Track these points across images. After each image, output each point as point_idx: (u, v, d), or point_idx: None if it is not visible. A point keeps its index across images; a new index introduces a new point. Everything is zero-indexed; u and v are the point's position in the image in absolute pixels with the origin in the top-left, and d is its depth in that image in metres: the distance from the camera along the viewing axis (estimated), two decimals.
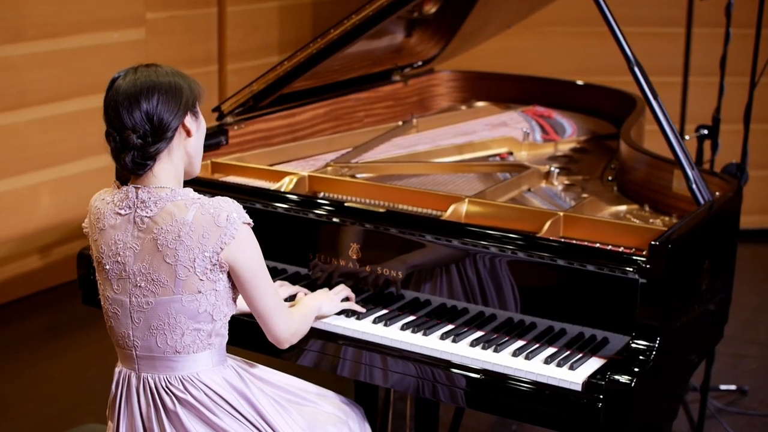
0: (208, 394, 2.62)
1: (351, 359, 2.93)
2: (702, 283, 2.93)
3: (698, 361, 3.10)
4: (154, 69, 2.60)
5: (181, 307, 2.57)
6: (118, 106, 2.53)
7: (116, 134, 2.55)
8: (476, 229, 2.98)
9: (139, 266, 2.57)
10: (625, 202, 3.47)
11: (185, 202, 2.57)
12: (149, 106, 2.52)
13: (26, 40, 5.32)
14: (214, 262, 2.55)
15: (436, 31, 4.75)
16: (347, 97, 4.40)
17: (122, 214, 2.59)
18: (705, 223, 2.98)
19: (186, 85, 2.61)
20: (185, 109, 2.59)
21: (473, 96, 4.95)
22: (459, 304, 2.99)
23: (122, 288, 2.61)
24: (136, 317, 2.60)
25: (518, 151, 4.10)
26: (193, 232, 2.53)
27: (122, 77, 2.58)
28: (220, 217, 2.54)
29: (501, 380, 2.72)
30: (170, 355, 2.61)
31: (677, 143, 3.11)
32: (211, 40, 6.41)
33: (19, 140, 5.35)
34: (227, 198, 2.60)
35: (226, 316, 2.65)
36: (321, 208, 3.16)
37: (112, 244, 2.60)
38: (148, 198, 2.57)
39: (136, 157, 2.54)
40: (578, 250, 2.81)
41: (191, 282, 2.56)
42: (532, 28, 6.35)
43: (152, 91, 2.53)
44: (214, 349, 2.65)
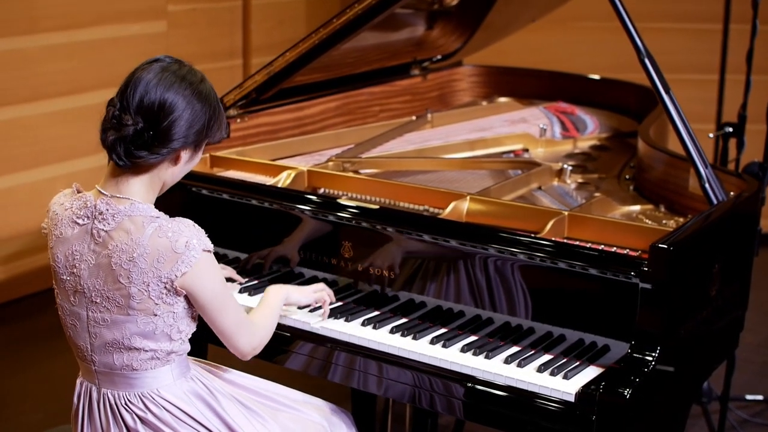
0: (170, 409, 2.49)
1: (342, 364, 2.79)
2: (711, 289, 2.75)
3: (708, 372, 2.92)
4: (199, 80, 2.45)
5: (136, 328, 2.42)
6: (140, 84, 2.38)
7: (117, 109, 2.39)
8: (471, 228, 2.83)
9: (93, 282, 2.42)
10: (640, 202, 3.30)
11: (143, 220, 2.39)
12: (167, 110, 2.37)
13: (42, 32, 5.23)
14: (169, 288, 2.38)
15: (458, 24, 4.59)
16: (361, 91, 4.25)
17: (80, 224, 2.44)
18: (715, 225, 2.80)
19: (208, 119, 2.45)
20: (192, 141, 2.44)
21: (496, 92, 4.78)
22: (455, 306, 2.84)
23: (79, 301, 2.47)
24: (93, 332, 2.46)
25: (534, 147, 3.94)
26: (148, 255, 2.36)
27: (168, 61, 2.45)
28: (178, 242, 2.36)
29: (492, 389, 2.57)
30: (128, 372, 2.47)
31: (690, 140, 2.94)
32: (236, 34, 6.29)
33: (35, 133, 5.26)
34: (188, 221, 2.42)
35: (186, 334, 2.50)
36: (312, 204, 3.02)
37: (69, 255, 2.45)
38: (107, 210, 2.40)
39: (119, 146, 2.37)
40: (575, 252, 2.64)
41: (146, 305, 2.40)
42: (562, 24, 6.19)
43: (178, 106, 2.38)
44: (174, 363, 2.51)
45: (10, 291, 5.28)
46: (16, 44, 5.14)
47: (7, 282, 5.25)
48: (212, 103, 2.47)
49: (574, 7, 4.90)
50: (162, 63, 2.45)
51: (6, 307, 5.26)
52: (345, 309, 2.91)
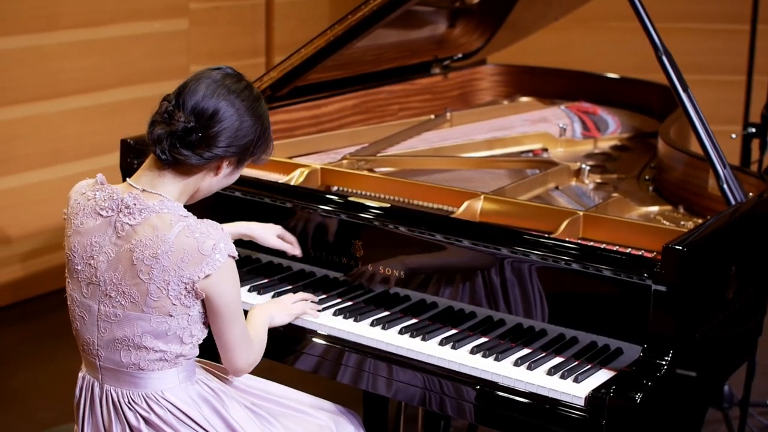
0: (173, 412, 2.44)
1: (351, 365, 2.74)
2: (727, 292, 2.68)
3: (725, 377, 2.85)
4: (255, 98, 2.46)
5: (149, 327, 2.38)
6: (199, 87, 2.40)
7: (172, 105, 2.39)
8: (483, 228, 2.78)
9: (110, 275, 2.38)
10: (659, 203, 3.24)
11: (171, 218, 2.35)
12: (218, 117, 2.38)
13: (61, 29, 5.21)
14: (189, 290, 2.34)
15: (480, 22, 4.53)
16: (380, 89, 4.20)
17: (103, 216, 2.40)
18: (731, 226, 2.73)
19: (256, 137, 2.46)
20: (236, 153, 2.43)
21: (518, 91, 4.72)
22: (467, 307, 2.79)
23: (91, 293, 2.42)
24: (103, 326, 2.42)
25: (554, 147, 3.87)
26: (173, 253, 2.32)
27: (230, 72, 2.48)
28: (205, 244, 2.32)
29: (502, 392, 2.51)
30: (134, 371, 2.43)
31: (708, 139, 2.87)
32: (258, 32, 6.26)
33: (54, 130, 5.25)
34: (217, 225, 2.39)
35: (197, 339, 2.46)
36: (322, 202, 2.97)
37: (87, 245, 2.41)
38: (134, 204, 2.37)
39: (165, 140, 2.37)
40: (587, 253, 2.58)
41: (163, 303, 2.36)
42: (586, 23, 6.13)
43: (233, 116, 2.40)
44: (181, 367, 2.47)
45: (28, 289, 5.26)
46: (36, 41, 5.12)
47: (25, 280, 5.24)
48: (264, 123, 2.48)
49: (598, 6, 4.83)
50: (223, 72, 2.46)
51: (24, 304, 5.25)
52: (355, 309, 2.86)
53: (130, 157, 3.26)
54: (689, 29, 6.17)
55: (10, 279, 5.18)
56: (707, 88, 5.94)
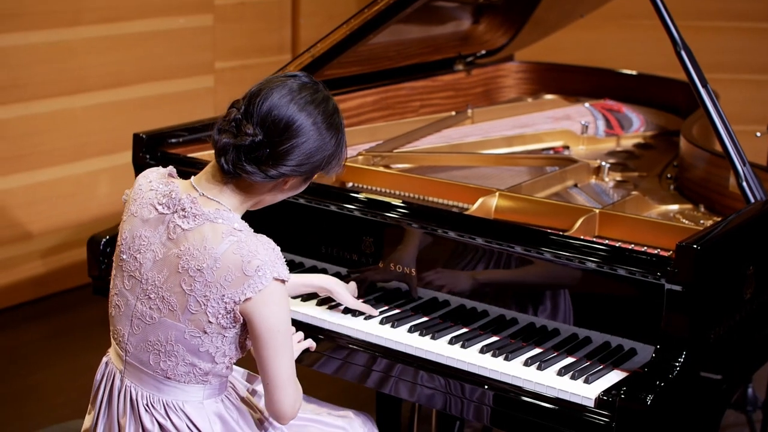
0: (190, 426, 2.36)
1: (360, 364, 2.69)
2: (745, 292, 2.61)
3: (743, 379, 2.78)
4: (333, 110, 2.33)
5: (183, 338, 2.29)
6: (272, 96, 2.25)
7: (240, 113, 2.27)
8: (494, 225, 2.72)
9: (154, 275, 2.30)
10: (680, 201, 3.17)
11: (223, 231, 2.24)
12: (292, 132, 2.24)
13: (86, 24, 5.19)
14: (228, 310, 2.24)
15: (505, 18, 4.48)
16: (401, 86, 4.14)
17: (158, 211, 2.31)
18: (749, 224, 2.66)
19: (330, 154, 2.31)
20: (306, 171, 2.31)
21: (543, 88, 4.66)
22: (479, 306, 2.73)
23: (132, 287, 2.34)
24: (137, 324, 2.34)
25: (576, 145, 3.81)
26: (218, 269, 2.21)
27: (306, 81, 2.32)
28: (250, 264, 2.20)
29: (512, 393, 2.46)
30: (160, 377, 2.34)
31: (727, 136, 2.81)
32: (284, 29, 6.22)
33: (77, 126, 5.23)
34: (269, 243, 2.26)
35: (231, 359, 2.36)
36: (334, 197, 2.92)
37: (137, 237, 2.33)
38: (190, 208, 2.27)
39: (229, 152, 2.25)
40: (598, 251, 2.52)
41: (199, 318, 2.26)
42: (616, 21, 6.05)
43: (305, 131, 2.25)
44: (209, 385, 2.37)
45: (48, 285, 5.25)
46: (60, 36, 5.11)
47: (46, 276, 5.22)
48: (340, 139, 2.34)
49: (627, 4, 4.77)
50: (299, 81, 2.31)
51: (44, 301, 5.24)
52: None
53: (143, 151, 3.23)
54: (719, 27, 6.07)
55: (31, 275, 5.16)
56: (737, 88, 5.87)
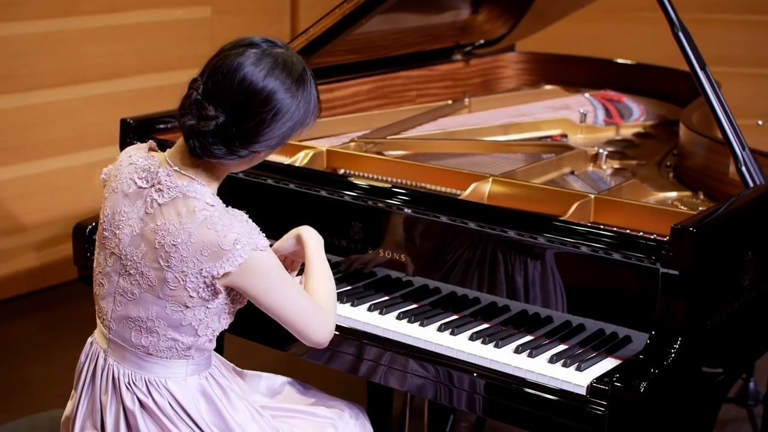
0: (172, 404, 2.31)
1: (349, 353, 2.63)
2: (743, 278, 2.54)
3: (742, 368, 2.71)
4: (300, 69, 2.22)
5: (164, 313, 2.25)
6: (231, 69, 2.16)
7: (200, 94, 2.18)
8: (487, 209, 2.66)
9: (132, 251, 2.26)
10: (679, 189, 3.11)
11: (196, 206, 2.20)
12: (257, 106, 2.16)
13: (83, 14, 5.14)
14: (207, 284, 2.21)
15: (505, 8, 4.42)
16: (397, 74, 4.07)
17: (138, 185, 2.27)
18: (747, 209, 2.59)
19: (302, 115, 2.23)
20: (278, 142, 2.24)
21: (542, 79, 4.59)
22: (470, 293, 2.67)
23: (113, 263, 2.31)
24: (119, 300, 2.30)
25: (574, 134, 3.75)
26: (192, 244, 2.18)
27: (265, 47, 2.22)
28: (227, 238, 2.16)
29: (500, 380, 2.39)
30: (141, 353, 2.30)
31: (726, 120, 2.74)
32: (284, 23, 6.15)
33: (74, 117, 5.18)
34: (243, 216, 2.22)
35: (214, 332, 2.32)
36: (320, 181, 2.86)
37: (117, 212, 2.29)
38: (166, 181, 2.23)
39: (195, 138, 2.19)
40: (592, 234, 2.45)
41: (179, 294, 2.23)
42: (618, 14, 5.99)
43: (273, 100, 2.17)
44: (192, 360, 2.33)
45: (43, 278, 5.20)
46: (57, 26, 5.06)
47: (41, 269, 5.17)
48: (309, 90, 2.24)
49: None
50: (256, 48, 2.22)
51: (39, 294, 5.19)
52: (353, 293, 2.75)
53: (130, 137, 3.18)
54: (725, 20, 5.99)
55: (25, 268, 5.11)
56: (742, 81, 5.79)
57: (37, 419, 2.68)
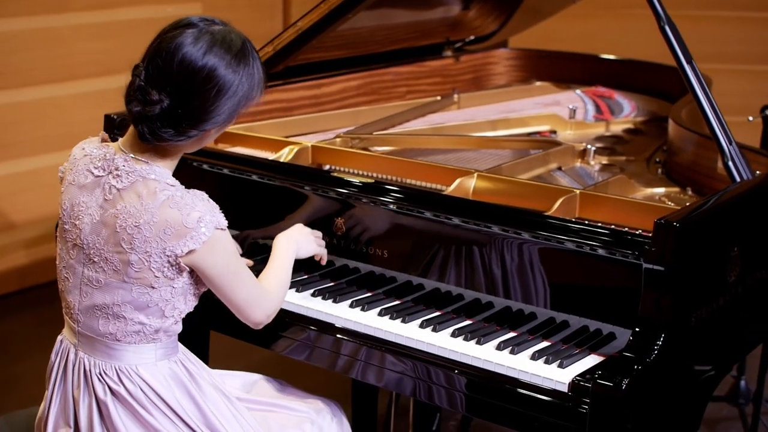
0: (144, 390, 2.31)
1: (328, 348, 2.60)
2: (729, 275, 2.51)
3: (728, 367, 2.67)
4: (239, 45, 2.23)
5: (130, 297, 2.26)
6: (171, 51, 2.17)
7: (143, 79, 2.20)
8: (469, 205, 2.64)
9: (93, 238, 2.26)
10: (667, 184, 3.07)
11: (157, 186, 2.22)
12: (200, 85, 2.16)
13: (73, 11, 5.12)
14: (171, 263, 2.22)
15: (496, 4, 4.38)
16: (386, 70, 4.04)
17: (94, 175, 2.29)
18: (733, 204, 2.56)
19: (247, 89, 2.23)
20: (227, 118, 2.24)
21: (534, 75, 4.55)
22: (454, 289, 2.64)
23: (77, 255, 2.31)
24: (85, 291, 2.31)
25: (563, 129, 3.71)
26: (155, 224, 2.19)
27: (202, 26, 2.21)
28: (190, 216, 2.18)
29: (482, 377, 2.36)
30: (110, 341, 2.31)
31: (713, 114, 2.70)
32: (275, 18, 6.12)
33: (64, 114, 5.15)
34: (203, 195, 2.24)
35: (180, 313, 2.33)
36: (303, 177, 2.83)
37: (76, 204, 2.30)
38: (123, 166, 2.25)
39: (143, 124, 2.20)
40: (574, 229, 2.42)
41: (144, 275, 2.24)
42: (613, 10, 5.96)
43: (215, 77, 2.16)
44: (160, 343, 2.34)
45: (33, 276, 5.17)
46: (47, 23, 5.04)
47: (30, 266, 5.14)
48: (252, 71, 2.24)
49: None
50: (193, 27, 2.21)
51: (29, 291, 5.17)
52: (336, 289, 2.72)
53: (114, 133, 3.15)
54: (720, 17, 5.95)
55: (15, 265, 5.09)
56: (738, 79, 5.75)
57: (14, 416, 2.66)
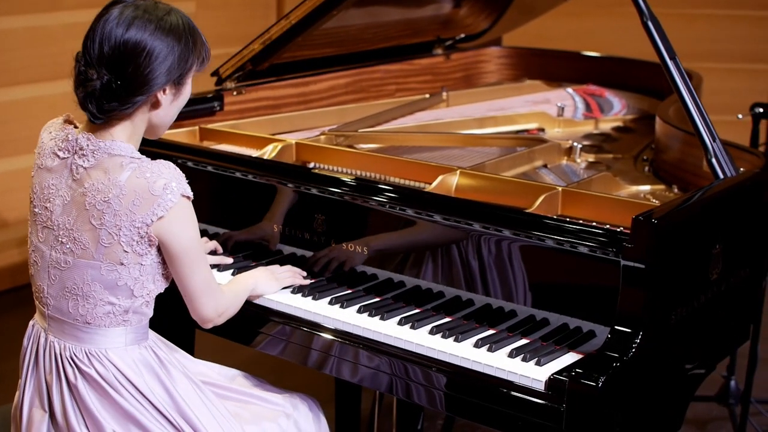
0: (115, 374, 2.32)
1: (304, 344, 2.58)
2: (711, 272, 2.49)
3: (711, 365, 2.64)
4: (164, 13, 2.27)
5: (99, 275, 2.27)
6: (98, 31, 2.24)
7: (82, 65, 2.25)
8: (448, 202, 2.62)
9: (64, 219, 2.29)
10: (653, 182, 3.05)
11: (122, 160, 2.25)
12: (129, 56, 2.21)
13: (66, 9, 5.10)
14: (142, 234, 2.24)
15: (488, 2, 4.36)
16: (375, 68, 4.03)
17: (60, 157, 2.32)
18: (715, 201, 2.54)
19: (179, 55, 2.27)
20: (165, 81, 2.27)
21: (525, 74, 4.53)
22: (434, 286, 2.61)
23: (45, 237, 2.33)
24: (53, 273, 2.32)
25: (551, 127, 3.69)
26: (124, 196, 2.22)
27: (127, 1, 2.28)
28: (156, 184, 2.22)
29: (459, 375, 2.34)
30: (80, 324, 2.32)
31: (696, 111, 2.69)
32: (269, 17, 6.10)
33: (57, 113, 5.08)
34: (170, 164, 2.27)
35: (150, 293, 2.34)
36: (284, 173, 2.81)
37: (45, 187, 2.33)
38: (87, 146, 2.28)
39: (90, 103, 2.24)
40: (552, 226, 2.40)
41: (114, 251, 2.25)
42: (608, 9, 5.93)
43: (142, 44, 2.22)
44: (130, 326, 2.35)
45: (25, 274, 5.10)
46: (39, 21, 5.03)
47: (23, 264, 5.12)
48: (181, 34, 2.28)
49: None
50: (120, 5, 2.27)
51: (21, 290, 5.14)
52: (316, 286, 2.70)
53: None
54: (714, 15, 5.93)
55: (7, 263, 5.07)
56: (733, 77, 5.73)
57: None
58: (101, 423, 2.30)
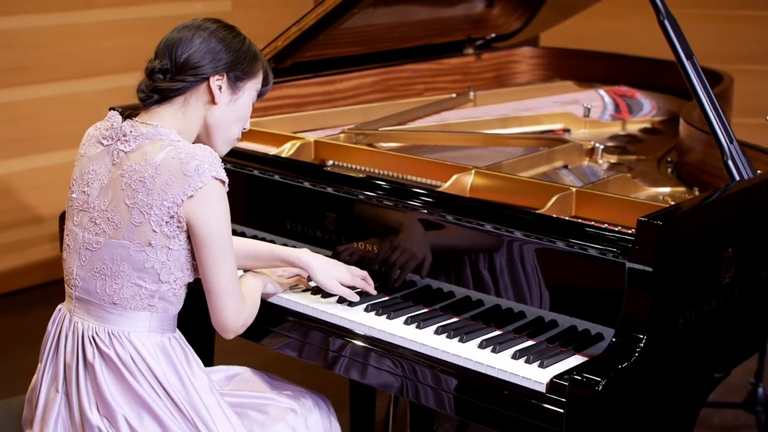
0: (133, 356, 2.33)
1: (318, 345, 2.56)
2: (723, 276, 2.44)
3: (724, 371, 2.59)
4: (228, 27, 2.44)
5: (128, 255, 2.31)
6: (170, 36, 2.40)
7: (150, 62, 2.41)
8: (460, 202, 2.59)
9: (101, 201, 2.34)
10: (674, 184, 3.01)
11: (162, 143, 2.31)
12: (184, 45, 2.36)
13: (99, 7, 5.13)
14: (172, 215, 2.28)
15: (520, 2, 4.33)
16: (403, 67, 4.01)
17: (103, 144, 2.39)
18: (729, 203, 2.49)
19: (236, 52, 2.40)
20: (223, 67, 2.37)
21: (557, 74, 4.49)
22: (445, 286, 2.59)
23: (80, 220, 2.38)
24: (84, 255, 2.36)
25: (577, 128, 3.65)
26: (158, 176, 2.27)
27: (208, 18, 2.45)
28: (189, 165, 2.26)
29: (462, 376, 2.31)
30: (106, 305, 2.34)
31: (713, 112, 2.64)
32: None
33: (88, 110, 5.15)
34: (207, 147, 2.33)
35: (176, 281, 2.36)
36: (296, 171, 2.80)
37: (86, 173, 2.39)
38: (130, 132, 2.35)
39: (146, 84, 2.37)
40: (557, 226, 2.37)
41: (143, 230, 2.29)
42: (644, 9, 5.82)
43: (198, 39, 2.37)
44: (156, 313, 2.36)
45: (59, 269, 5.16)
46: (72, 19, 5.07)
47: (57, 259, 5.15)
48: (240, 43, 2.42)
49: None
50: (201, 20, 2.44)
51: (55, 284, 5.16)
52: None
53: None
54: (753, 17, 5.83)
55: (41, 258, 5.12)
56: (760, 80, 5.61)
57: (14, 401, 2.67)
58: (112, 406, 2.31)
